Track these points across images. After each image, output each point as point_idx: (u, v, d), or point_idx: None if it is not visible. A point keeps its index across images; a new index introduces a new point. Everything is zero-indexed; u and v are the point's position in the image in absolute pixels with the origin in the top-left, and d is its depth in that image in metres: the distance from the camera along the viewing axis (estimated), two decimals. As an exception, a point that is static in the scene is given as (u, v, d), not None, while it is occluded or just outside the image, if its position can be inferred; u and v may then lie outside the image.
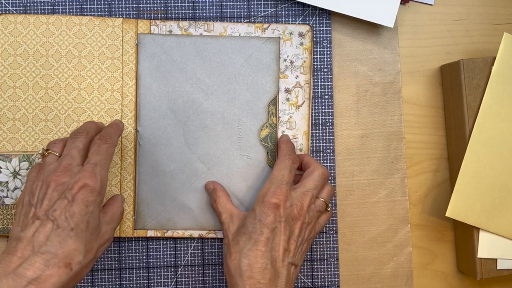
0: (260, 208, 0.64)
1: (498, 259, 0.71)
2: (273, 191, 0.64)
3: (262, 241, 0.63)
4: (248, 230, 0.64)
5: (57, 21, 0.72)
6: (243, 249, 0.63)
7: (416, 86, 0.76)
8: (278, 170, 0.67)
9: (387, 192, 0.75)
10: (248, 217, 0.65)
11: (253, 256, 0.62)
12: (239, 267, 0.62)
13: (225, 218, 0.68)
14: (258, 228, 0.63)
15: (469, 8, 0.76)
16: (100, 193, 0.59)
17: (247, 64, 0.72)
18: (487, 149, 0.70)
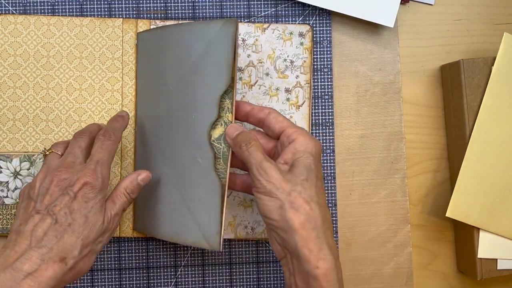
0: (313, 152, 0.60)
1: (498, 259, 0.71)
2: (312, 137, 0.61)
3: (322, 187, 0.60)
4: (309, 176, 0.58)
5: (58, 22, 0.72)
6: (313, 197, 0.57)
7: (416, 86, 0.76)
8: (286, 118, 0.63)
9: (387, 192, 0.75)
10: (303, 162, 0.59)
11: (323, 204, 0.59)
12: (321, 217, 0.57)
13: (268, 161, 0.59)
14: (316, 173, 0.59)
15: (469, 8, 0.76)
16: (101, 190, 0.59)
17: (207, 52, 0.65)
18: (487, 149, 0.70)
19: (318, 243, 0.56)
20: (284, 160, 0.60)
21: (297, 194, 0.57)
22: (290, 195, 0.57)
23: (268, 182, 0.58)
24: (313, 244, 0.56)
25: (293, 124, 0.62)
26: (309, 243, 0.56)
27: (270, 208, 0.58)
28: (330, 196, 0.74)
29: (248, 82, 0.73)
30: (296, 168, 0.59)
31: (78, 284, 0.72)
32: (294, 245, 0.56)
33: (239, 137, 0.62)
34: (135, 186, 0.63)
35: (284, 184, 0.57)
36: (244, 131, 0.62)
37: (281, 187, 0.57)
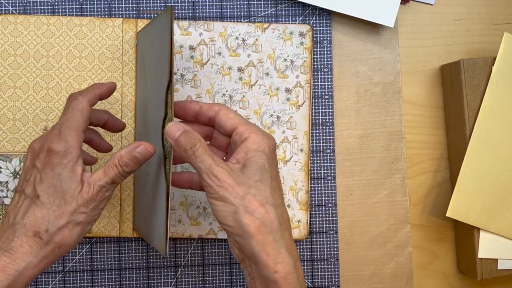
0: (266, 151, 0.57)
1: (498, 259, 0.71)
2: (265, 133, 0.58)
3: (278, 187, 0.58)
4: (263, 177, 0.56)
5: (58, 21, 0.72)
6: (269, 199, 0.56)
7: (416, 86, 0.76)
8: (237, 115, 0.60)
9: (387, 192, 0.74)
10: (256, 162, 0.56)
11: (280, 205, 0.56)
12: (277, 220, 0.55)
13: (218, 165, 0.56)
14: (270, 173, 0.57)
15: (469, 8, 0.76)
16: (66, 154, 0.56)
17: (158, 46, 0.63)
18: (487, 149, 0.70)
19: (275, 246, 0.54)
20: (236, 160, 0.57)
21: (251, 197, 0.55)
22: (244, 199, 0.54)
23: (220, 187, 0.55)
24: (270, 248, 0.54)
25: (244, 121, 0.59)
26: (266, 248, 0.54)
27: (224, 214, 0.55)
28: (330, 196, 0.74)
29: (248, 82, 0.73)
30: (249, 168, 0.56)
31: (78, 284, 0.72)
32: (251, 250, 0.54)
33: (182, 139, 0.57)
34: (131, 159, 0.57)
35: (237, 188, 0.55)
36: (187, 131, 0.57)
37: (234, 191, 0.54)
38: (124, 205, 0.72)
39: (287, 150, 0.73)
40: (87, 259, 0.72)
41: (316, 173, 0.74)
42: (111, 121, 0.66)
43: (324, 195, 0.74)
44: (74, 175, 0.56)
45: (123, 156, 0.57)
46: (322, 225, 0.74)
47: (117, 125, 0.67)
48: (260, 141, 0.57)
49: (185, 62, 0.72)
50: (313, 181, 0.74)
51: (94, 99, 0.60)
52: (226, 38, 0.73)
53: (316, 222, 0.74)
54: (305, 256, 0.74)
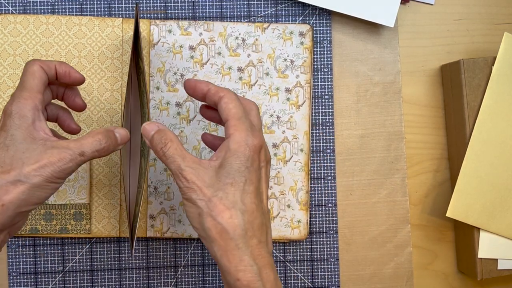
0: (245, 152, 0.54)
1: (498, 259, 0.71)
2: (250, 132, 0.56)
3: (253, 192, 0.55)
4: (235, 180, 0.54)
5: (57, 21, 0.71)
6: (237, 204, 0.54)
7: (416, 86, 0.76)
8: (237, 107, 0.57)
9: (387, 192, 0.74)
10: (231, 163, 0.54)
11: (250, 211, 0.54)
12: (241, 226, 0.53)
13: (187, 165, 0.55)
14: (246, 176, 0.54)
15: (469, 7, 0.76)
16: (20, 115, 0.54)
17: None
18: (487, 149, 0.70)
19: (237, 254, 0.53)
20: (216, 157, 0.55)
21: (217, 200, 0.53)
22: (210, 202, 0.53)
23: (188, 188, 0.54)
24: (231, 255, 0.53)
25: (237, 116, 0.56)
26: (228, 254, 0.53)
27: (191, 215, 0.54)
28: (330, 196, 0.74)
29: (248, 82, 0.73)
30: (223, 169, 0.54)
31: (78, 284, 0.72)
32: (214, 255, 0.54)
33: (155, 138, 0.56)
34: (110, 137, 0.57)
35: (205, 190, 0.53)
36: (160, 130, 0.57)
37: (201, 193, 0.53)
38: (124, 205, 0.72)
39: (287, 150, 0.73)
40: (87, 259, 0.72)
41: (316, 173, 0.74)
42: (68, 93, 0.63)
43: (324, 195, 0.74)
44: (29, 136, 0.54)
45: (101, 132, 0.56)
46: (322, 225, 0.74)
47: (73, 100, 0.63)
48: (242, 141, 0.55)
49: (185, 62, 0.72)
50: (313, 181, 0.74)
51: (47, 68, 0.58)
52: (226, 38, 0.72)
53: (316, 222, 0.74)
54: (305, 256, 0.74)
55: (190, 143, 0.72)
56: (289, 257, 0.74)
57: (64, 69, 0.60)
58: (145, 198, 0.72)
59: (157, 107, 0.72)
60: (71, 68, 0.60)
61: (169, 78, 0.72)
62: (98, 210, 0.72)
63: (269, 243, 0.56)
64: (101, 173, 0.72)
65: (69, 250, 0.72)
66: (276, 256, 0.74)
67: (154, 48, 0.72)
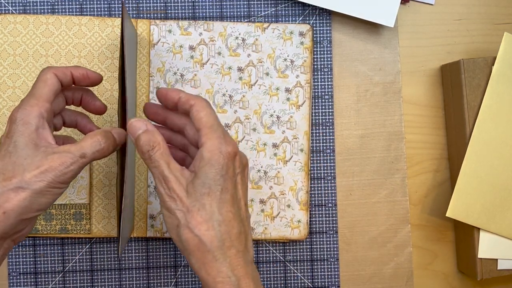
0: (219, 160, 0.54)
1: (498, 259, 0.71)
2: (223, 140, 0.55)
3: (229, 200, 0.54)
4: (211, 190, 0.54)
5: (57, 21, 0.71)
6: (214, 214, 0.54)
7: (416, 86, 0.76)
8: (208, 115, 0.56)
9: (387, 192, 0.74)
10: (206, 173, 0.54)
11: (227, 220, 0.54)
12: (218, 237, 0.53)
13: (171, 173, 0.54)
14: (222, 185, 0.54)
15: (469, 7, 0.76)
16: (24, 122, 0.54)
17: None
18: (487, 149, 0.70)
19: (215, 265, 0.53)
20: (193, 166, 0.55)
21: (195, 212, 0.53)
22: (188, 213, 0.53)
23: (169, 197, 0.54)
24: (209, 267, 0.53)
25: (208, 124, 0.56)
26: (205, 266, 0.53)
27: (169, 225, 0.54)
28: (330, 196, 0.74)
29: (248, 82, 0.73)
30: (198, 179, 0.54)
31: (78, 284, 0.72)
32: (192, 267, 0.54)
33: (141, 139, 0.55)
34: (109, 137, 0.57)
35: (185, 200, 0.53)
36: (149, 130, 0.55)
37: (181, 203, 0.53)
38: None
39: (287, 150, 0.73)
40: (87, 259, 0.72)
41: (316, 173, 0.74)
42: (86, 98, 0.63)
43: (324, 195, 0.74)
44: (31, 142, 0.54)
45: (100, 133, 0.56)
46: (322, 225, 0.74)
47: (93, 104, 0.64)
48: (215, 150, 0.54)
49: (185, 62, 0.72)
50: (313, 181, 0.74)
51: (62, 75, 0.58)
52: (226, 38, 0.72)
53: (316, 222, 0.74)
54: (305, 256, 0.74)
55: None
56: (289, 257, 0.74)
57: (81, 72, 0.60)
58: (145, 198, 0.72)
59: (157, 107, 0.72)
60: (87, 69, 0.61)
61: (169, 78, 0.72)
62: (98, 210, 0.72)
63: (249, 250, 0.56)
64: (101, 173, 0.72)
65: (69, 250, 0.72)
66: (276, 256, 0.74)
67: (154, 48, 0.72)
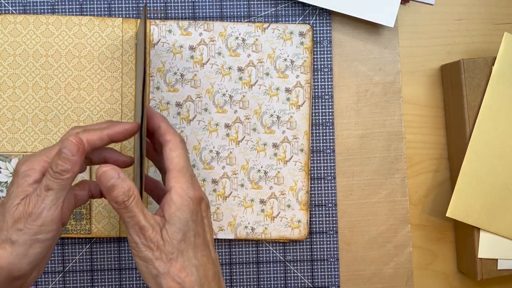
0: (190, 205, 0.55)
1: (498, 259, 0.71)
2: (191, 184, 0.56)
3: (201, 244, 0.56)
4: (186, 236, 0.54)
5: (57, 21, 0.71)
6: (191, 260, 0.54)
7: (416, 86, 0.76)
8: (180, 156, 0.57)
9: (387, 192, 0.75)
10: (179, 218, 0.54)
11: (203, 264, 0.55)
12: (198, 282, 0.54)
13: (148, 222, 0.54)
14: (194, 230, 0.55)
15: (469, 7, 0.76)
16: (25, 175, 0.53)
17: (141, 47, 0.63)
18: (487, 149, 0.70)
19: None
20: (162, 211, 0.55)
21: (173, 260, 0.53)
22: (168, 261, 0.53)
23: (146, 246, 0.53)
24: None
25: (178, 166, 0.56)
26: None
27: (147, 275, 0.54)
28: (330, 196, 0.74)
29: (248, 82, 0.73)
30: (172, 226, 0.54)
31: (78, 284, 0.72)
32: None
33: (116, 189, 0.53)
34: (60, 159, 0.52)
35: (163, 248, 0.53)
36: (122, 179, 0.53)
37: (158, 251, 0.53)
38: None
39: (287, 150, 0.73)
40: (87, 259, 0.72)
41: (316, 173, 0.74)
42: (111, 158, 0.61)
43: (324, 195, 0.74)
44: (22, 194, 0.52)
45: (51, 159, 0.53)
46: (322, 225, 0.74)
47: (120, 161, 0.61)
48: (184, 194, 0.55)
49: (185, 62, 0.72)
50: (313, 181, 0.74)
51: (97, 140, 0.56)
52: (226, 38, 0.73)
53: (316, 222, 0.74)
54: (305, 256, 0.74)
55: (190, 143, 0.72)
56: (289, 257, 0.74)
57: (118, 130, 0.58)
58: (145, 198, 0.72)
59: (157, 107, 0.72)
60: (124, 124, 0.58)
61: (169, 78, 0.72)
62: (98, 210, 0.72)
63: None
64: (101, 173, 0.72)
65: (69, 250, 0.72)
66: (276, 256, 0.74)
67: (154, 48, 0.72)
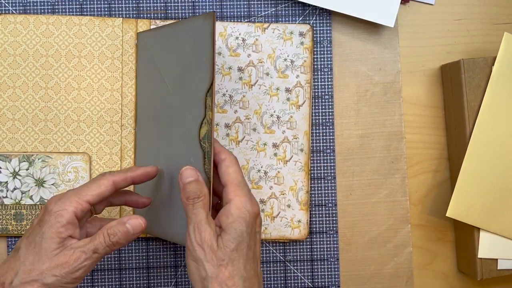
0: (246, 218, 0.57)
1: (498, 259, 0.71)
2: (249, 199, 0.59)
3: (252, 258, 0.58)
4: (239, 246, 0.57)
5: (57, 21, 0.71)
6: (240, 270, 0.56)
7: (416, 86, 0.76)
8: (237, 172, 0.60)
9: (387, 192, 0.75)
10: (235, 229, 0.57)
11: (250, 277, 0.57)
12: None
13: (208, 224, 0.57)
14: (248, 242, 0.57)
15: (469, 7, 0.76)
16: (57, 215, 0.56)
17: (193, 50, 0.64)
18: (487, 149, 0.70)
19: None
20: (219, 222, 0.58)
21: (223, 267, 0.55)
22: (218, 266, 0.55)
23: (200, 247, 0.56)
24: None
25: (236, 181, 0.59)
26: None
27: (195, 276, 0.56)
28: (330, 196, 0.74)
29: (248, 82, 0.73)
30: (227, 234, 0.56)
31: (78, 284, 0.72)
32: None
33: (190, 186, 0.58)
34: (120, 231, 0.57)
35: (214, 254, 0.55)
36: (198, 181, 0.59)
37: (210, 255, 0.55)
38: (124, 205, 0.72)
39: (287, 150, 0.73)
40: (87, 259, 0.72)
41: (316, 173, 0.74)
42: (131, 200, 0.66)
43: (324, 195, 0.74)
44: (56, 236, 0.56)
45: (111, 228, 0.57)
46: (322, 225, 0.74)
47: (139, 202, 0.66)
48: (243, 207, 0.58)
49: (185, 62, 0.72)
50: (313, 181, 0.74)
51: (122, 181, 0.61)
52: (226, 38, 0.73)
53: (316, 222, 0.74)
54: (305, 256, 0.74)
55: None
56: (289, 257, 0.74)
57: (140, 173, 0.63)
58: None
59: (157, 107, 0.72)
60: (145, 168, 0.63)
61: (169, 78, 0.72)
62: (98, 210, 0.72)
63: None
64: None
65: (69, 250, 0.72)
66: (276, 256, 0.74)
67: (154, 48, 0.72)
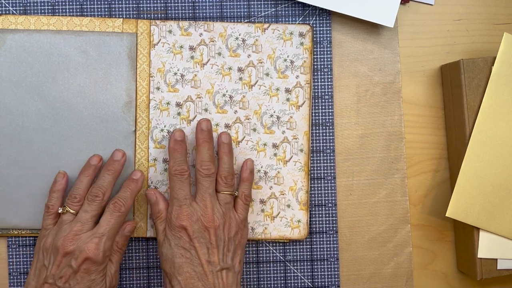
0: (172, 233, 0.66)
1: (498, 259, 0.71)
2: (176, 213, 0.66)
3: (184, 264, 0.65)
4: (168, 257, 0.66)
5: (58, 22, 0.72)
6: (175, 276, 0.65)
7: (416, 86, 0.76)
8: (173, 188, 0.67)
9: (387, 192, 0.75)
10: (164, 245, 0.67)
11: (184, 279, 0.64)
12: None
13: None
14: (176, 252, 0.65)
15: (469, 8, 0.76)
16: (102, 262, 0.65)
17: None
18: (487, 149, 0.70)
19: None
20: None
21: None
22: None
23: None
24: None
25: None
26: None
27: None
28: (330, 196, 0.74)
29: (248, 82, 0.73)
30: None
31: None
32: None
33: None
34: (124, 239, 0.69)
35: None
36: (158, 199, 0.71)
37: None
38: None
39: (287, 150, 0.73)
40: (87, 259, 0.73)
41: (316, 173, 0.74)
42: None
43: (324, 195, 0.74)
44: (104, 277, 0.65)
45: (118, 242, 0.68)
46: (322, 225, 0.74)
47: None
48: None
49: (185, 62, 0.72)
50: (313, 181, 0.74)
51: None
52: (226, 39, 0.73)
53: (316, 222, 0.74)
54: (305, 256, 0.74)
55: (190, 143, 0.72)
56: (289, 257, 0.74)
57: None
58: (145, 198, 0.72)
59: (157, 107, 0.72)
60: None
61: (169, 79, 0.72)
62: (98, 210, 0.72)
63: None
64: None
65: (70, 250, 0.73)
66: (276, 256, 0.74)
67: (155, 48, 0.72)
